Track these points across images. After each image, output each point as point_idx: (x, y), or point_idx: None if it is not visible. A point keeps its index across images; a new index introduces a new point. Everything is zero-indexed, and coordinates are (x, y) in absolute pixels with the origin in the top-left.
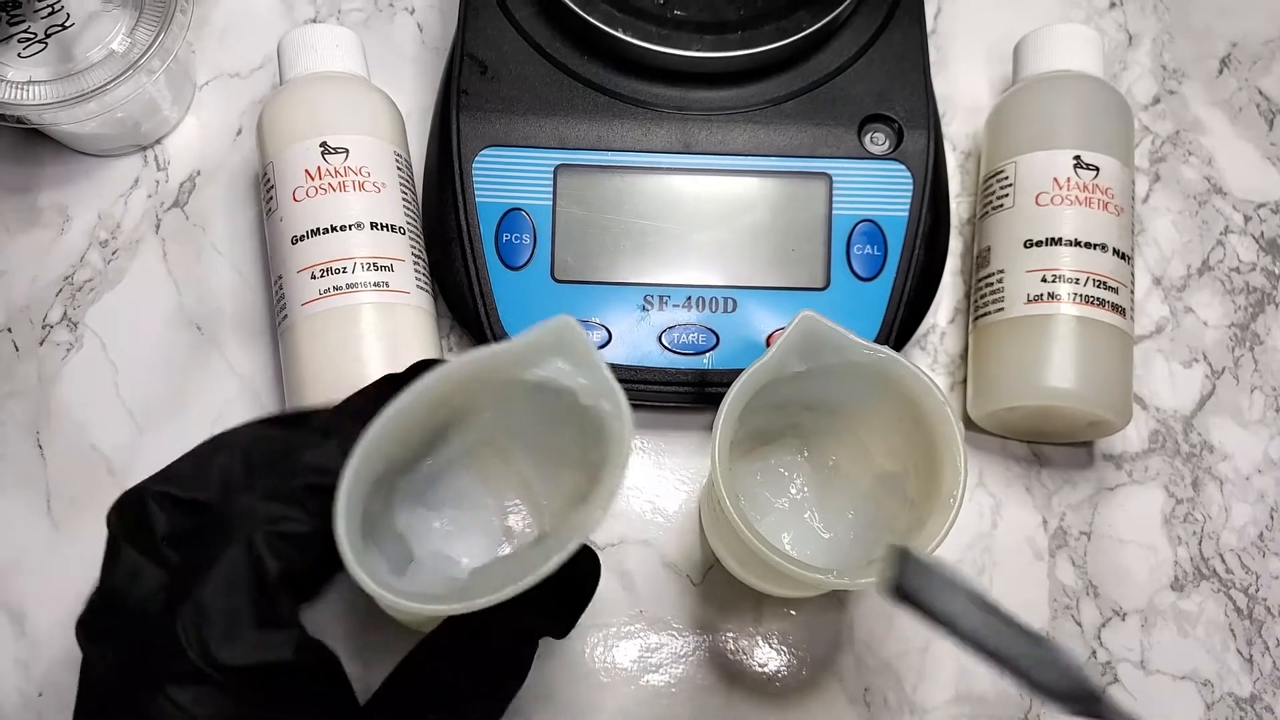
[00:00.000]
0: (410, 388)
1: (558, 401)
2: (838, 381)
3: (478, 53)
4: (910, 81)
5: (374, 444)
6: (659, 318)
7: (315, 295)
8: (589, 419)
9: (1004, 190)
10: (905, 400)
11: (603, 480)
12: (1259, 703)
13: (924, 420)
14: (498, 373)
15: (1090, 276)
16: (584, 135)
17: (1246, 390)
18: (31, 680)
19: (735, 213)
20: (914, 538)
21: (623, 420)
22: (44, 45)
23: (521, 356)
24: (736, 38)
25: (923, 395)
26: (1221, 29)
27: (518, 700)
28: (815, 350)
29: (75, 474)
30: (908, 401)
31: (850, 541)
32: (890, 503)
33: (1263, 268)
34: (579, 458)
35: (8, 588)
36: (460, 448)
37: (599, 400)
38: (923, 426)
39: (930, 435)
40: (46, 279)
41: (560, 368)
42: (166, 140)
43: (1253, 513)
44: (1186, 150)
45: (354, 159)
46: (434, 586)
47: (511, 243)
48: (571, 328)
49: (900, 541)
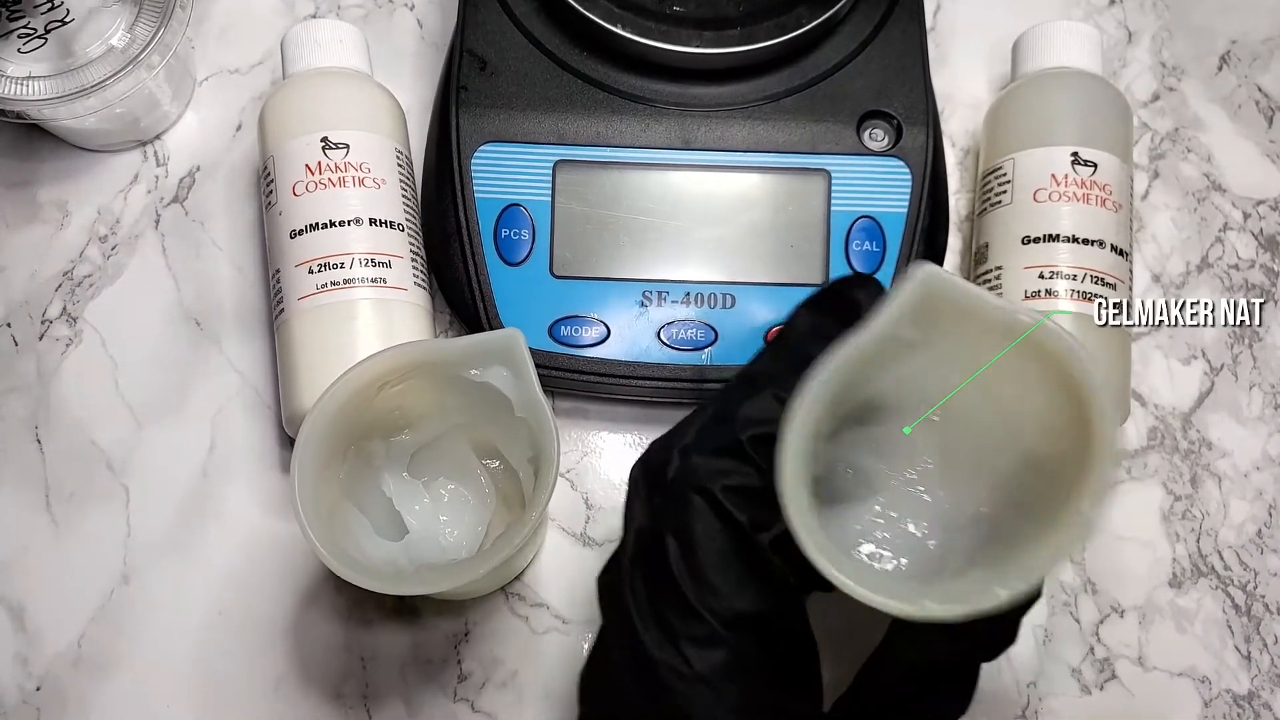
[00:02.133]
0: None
1: (504, 399)
2: (953, 359)
3: (477, 49)
4: (909, 78)
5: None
6: (658, 313)
7: (312, 290)
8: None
9: (1002, 186)
10: (1059, 386)
11: (534, 500)
12: (1257, 699)
13: (1075, 412)
14: (448, 366)
15: (1088, 273)
16: (583, 131)
17: (1245, 387)
18: (30, 675)
19: (734, 209)
20: (1008, 542)
21: (552, 445)
22: (44, 40)
23: (464, 355)
24: (735, 34)
25: (1080, 381)
26: (1221, 26)
27: (517, 692)
28: (934, 315)
29: (74, 469)
30: (1061, 388)
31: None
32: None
33: (1262, 265)
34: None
35: (7, 582)
36: (438, 427)
37: (531, 418)
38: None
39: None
40: (46, 274)
41: (502, 375)
42: (166, 136)
43: (1251, 510)
44: (1186, 147)
45: (354, 154)
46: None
47: (510, 238)
48: (518, 342)
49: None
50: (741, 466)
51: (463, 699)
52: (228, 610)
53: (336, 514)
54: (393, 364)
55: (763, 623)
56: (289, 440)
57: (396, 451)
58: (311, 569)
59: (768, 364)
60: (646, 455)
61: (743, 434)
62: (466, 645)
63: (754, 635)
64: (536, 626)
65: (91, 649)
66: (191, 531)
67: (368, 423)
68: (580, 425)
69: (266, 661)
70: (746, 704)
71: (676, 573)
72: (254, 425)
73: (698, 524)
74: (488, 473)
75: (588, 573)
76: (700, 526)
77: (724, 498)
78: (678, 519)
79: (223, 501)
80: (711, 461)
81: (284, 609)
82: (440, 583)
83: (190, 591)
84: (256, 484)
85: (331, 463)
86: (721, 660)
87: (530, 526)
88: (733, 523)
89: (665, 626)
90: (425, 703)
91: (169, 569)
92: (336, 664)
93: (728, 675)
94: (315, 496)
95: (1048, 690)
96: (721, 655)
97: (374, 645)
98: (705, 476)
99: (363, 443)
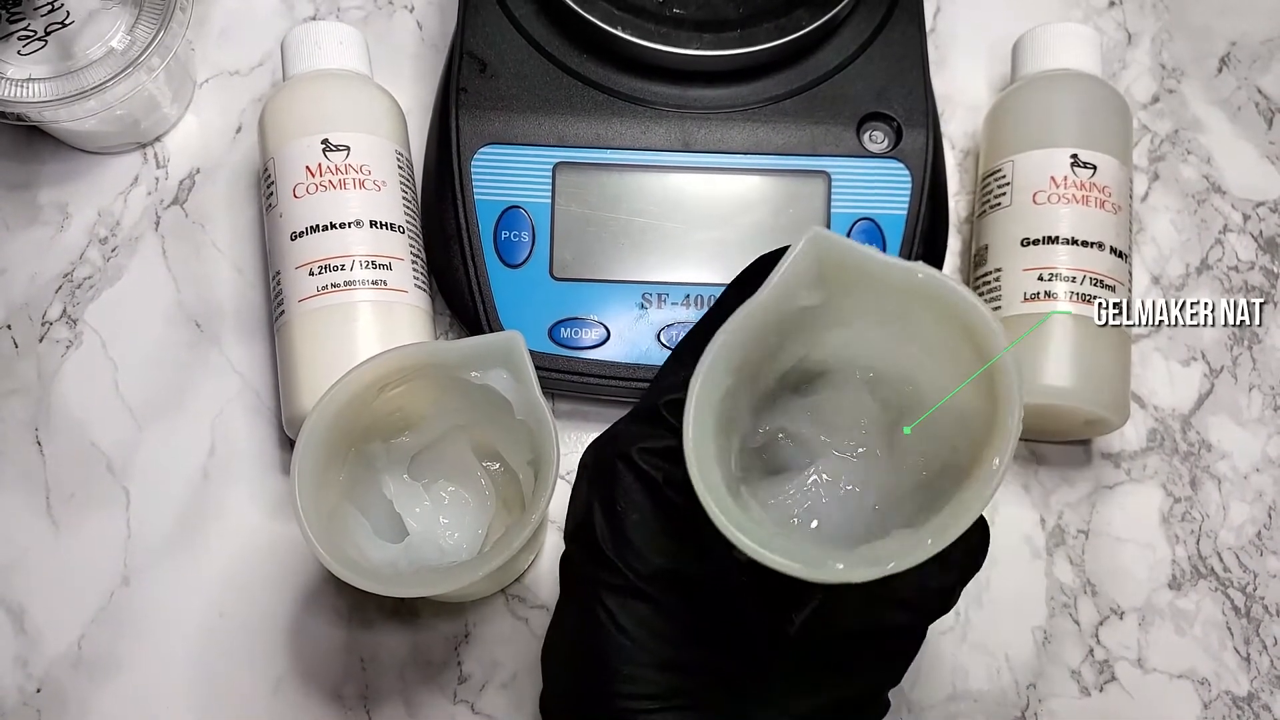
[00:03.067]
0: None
1: (504, 401)
2: (860, 322)
3: (477, 50)
4: (909, 80)
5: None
6: (658, 316)
7: (313, 292)
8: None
9: (1002, 189)
10: (960, 338)
11: (534, 502)
12: (1256, 701)
13: (978, 359)
14: (448, 368)
15: (1087, 275)
16: (583, 133)
17: (1245, 389)
18: (31, 677)
19: (734, 211)
20: (938, 506)
21: (552, 447)
22: (44, 43)
23: (465, 357)
24: (735, 36)
25: (978, 327)
26: (1220, 28)
27: (517, 694)
28: (831, 276)
29: (74, 471)
30: (963, 339)
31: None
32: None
33: (1261, 266)
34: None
35: (7, 584)
36: (438, 429)
37: (530, 420)
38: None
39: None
40: (46, 276)
41: (502, 378)
42: (166, 138)
43: (1251, 511)
44: (1185, 149)
45: (355, 156)
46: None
47: (510, 240)
48: (519, 345)
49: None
50: (657, 430)
51: (463, 701)
52: (228, 612)
53: (336, 516)
54: (393, 366)
55: (684, 579)
56: (289, 442)
57: (397, 453)
58: (312, 571)
59: (693, 340)
60: (592, 443)
61: (659, 399)
62: (466, 647)
63: (676, 591)
64: (536, 628)
65: (92, 651)
66: (192, 533)
67: (368, 425)
68: (580, 427)
69: (266, 663)
70: (671, 658)
71: (599, 534)
72: (254, 427)
73: (618, 485)
74: (488, 475)
75: None
76: (620, 488)
77: (639, 458)
78: (603, 486)
79: (223, 503)
80: (631, 428)
81: (284, 611)
82: (440, 585)
83: (190, 593)
84: (257, 486)
85: (332, 465)
86: (644, 614)
87: (530, 529)
88: (649, 481)
89: (594, 585)
90: (425, 704)
91: (169, 571)
92: (336, 665)
93: (650, 630)
94: (315, 498)
95: (1048, 692)
96: (644, 609)
97: (374, 647)
98: (624, 441)
99: (363, 445)
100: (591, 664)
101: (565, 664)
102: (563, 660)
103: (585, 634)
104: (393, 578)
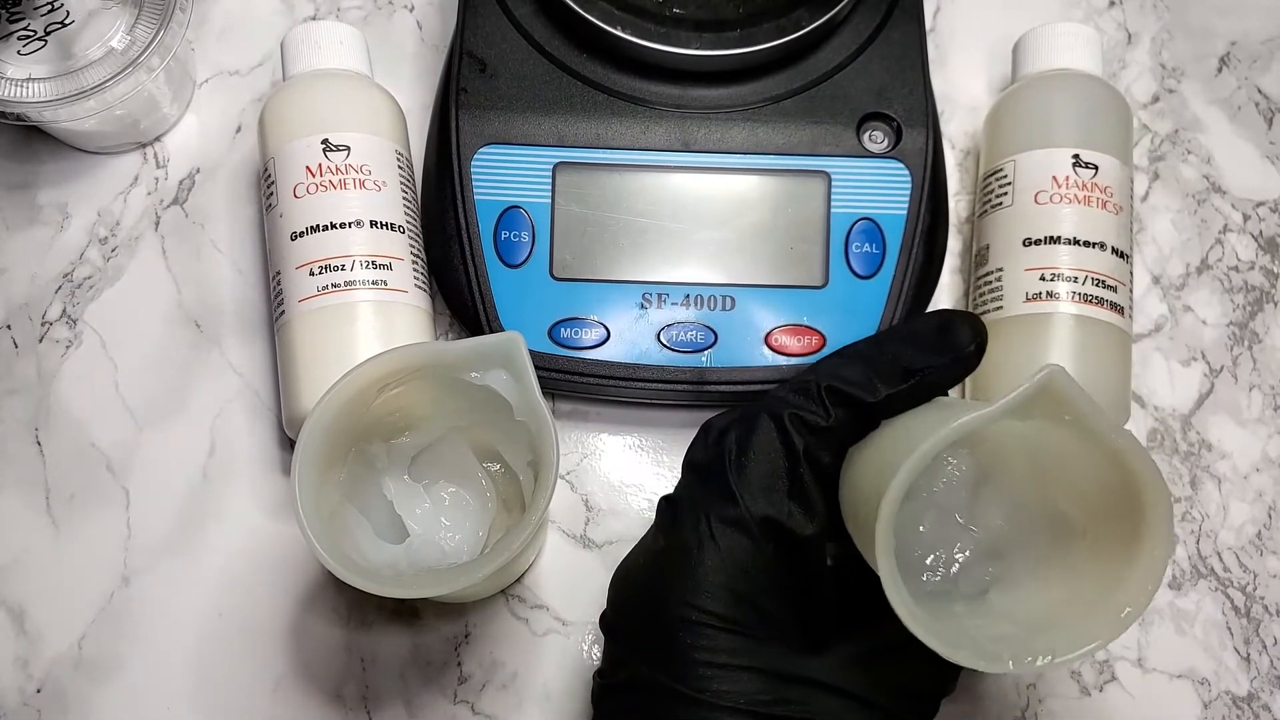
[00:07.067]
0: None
1: (504, 402)
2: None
3: (477, 50)
4: (909, 80)
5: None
6: (657, 315)
7: (313, 292)
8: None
9: (1003, 189)
10: (1123, 484)
11: (534, 503)
12: (1256, 701)
13: (1136, 505)
14: (448, 369)
15: (1089, 275)
16: (583, 133)
17: (1245, 389)
18: (31, 677)
19: (734, 211)
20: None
21: (552, 448)
22: (43, 42)
23: (465, 358)
24: (735, 35)
25: (1150, 494)
26: (1221, 28)
27: (517, 694)
28: (1043, 408)
29: (74, 471)
30: (1126, 486)
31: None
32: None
33: (1261, 266)
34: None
35: (7, 585)
36: (439, 429)
37: (530, 421)
38: (1131, 508)
39: (1137, 524)
40: (46, 276)
41: (502, 378)
42: (166, 138)
43: (1251, 511)
44: (1185, 149)
45: (355, 156)
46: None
47: (510, 240)
48: (519, 346)
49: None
50: (810, 405)
51: (463, 701)
52: (228, 612)
53: (337, 516)
54: (393, 366)
55: (787, 537)
56: (289, 442)
57: (397, 454)
58: (312, 571)
59: (863, 347)
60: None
61: (821, 381)
62: (467, 647)
63: (777, 544)
64: (537, 628)
65: (92, 651)
66: (192, 533)
67: (368, 425)
68: (580, 427)
69: (266, 663)
70: (748, 593)
71: (727, 462)
72: (254, 427)
73: (759, 435)
74: (488, 475)
75: (588, 575)
76: (760, 438)
77: (789, 422)
78: (743, 428)
79: (223, 503)
80: (788, 394)
81: (284, 611)
82: (441, 586)
83: (190, 593)
84: (257, 486)
85: (332, 465)
86: (743, 547)
87: (530, 529)
88: (790, 445)
89: (707, 510)
90: (425, 704)
91: (169, 571)
92: (336, 666)
93: (741, 564)
94: (316, 499)
95: (1047, 692)
96: (744, 543)
97: (374, 647)
98: (777, 403)
99: (363, 445)
100: (677, 571)
101: (646, 571)
102: (644, 569)
103: (679, 551)
104: (393, 579)
